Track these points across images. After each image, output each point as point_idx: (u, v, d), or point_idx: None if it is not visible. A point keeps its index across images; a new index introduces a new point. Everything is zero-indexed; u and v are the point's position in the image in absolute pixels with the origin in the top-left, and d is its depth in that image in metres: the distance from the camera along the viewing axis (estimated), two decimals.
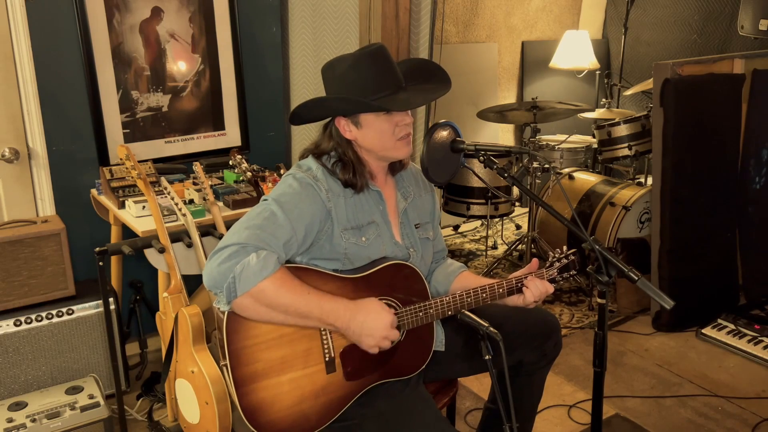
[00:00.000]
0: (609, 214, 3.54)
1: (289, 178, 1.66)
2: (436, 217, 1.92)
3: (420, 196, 1.86)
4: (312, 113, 1.72)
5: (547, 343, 1.89)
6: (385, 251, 1.71)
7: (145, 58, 2.79)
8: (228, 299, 1.48)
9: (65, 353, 2.49)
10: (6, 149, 2.57)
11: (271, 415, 1.57)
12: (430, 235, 1.87)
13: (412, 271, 1.71)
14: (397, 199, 1.80)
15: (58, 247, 2.45)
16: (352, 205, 1.68)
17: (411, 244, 1.79)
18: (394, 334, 1.59)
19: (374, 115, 1.64)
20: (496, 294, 1.74)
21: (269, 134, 3.22)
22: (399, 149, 1.69)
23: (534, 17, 4.97)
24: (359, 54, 1.67)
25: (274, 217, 1.55)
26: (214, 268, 1.48)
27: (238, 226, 1.54)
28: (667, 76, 3.12)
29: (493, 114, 3.95)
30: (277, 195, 1.61)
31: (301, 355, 1.59)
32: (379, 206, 1.73)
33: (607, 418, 2.58)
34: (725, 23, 4.28)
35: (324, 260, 1.66)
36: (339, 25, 3.06)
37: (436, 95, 1.75)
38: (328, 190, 1.64)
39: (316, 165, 1.69)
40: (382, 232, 1.72)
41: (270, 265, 1.48)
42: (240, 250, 1.47)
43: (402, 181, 1.83)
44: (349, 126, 1.67)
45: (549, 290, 1.75)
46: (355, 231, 1.67)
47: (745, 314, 3.23)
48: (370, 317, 1.56)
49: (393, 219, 1.77)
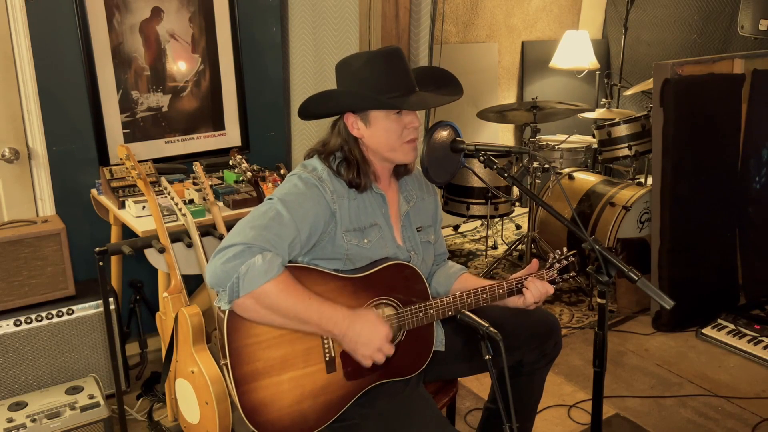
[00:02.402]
0: (609, 214, 3.54)
1: (294, 178, 1.65)
2: (438, 220, 1.92)
3: (423, 199, 1.86)
4: (321, 107, 1.71)
5: (547, 343, 1.89)
6: (387, 253, 1.71)
7: (145, 58, 2.79)
8: (230, 298, 1.47)
9: (65, 353, 2.49)
10: (6, 149, 2.57)
11: (271, 414, 1.57)
12: (432, 238, 1.87)
13: (413, 272, 1.71)
14: (399, 202, 1.80)
15: (58, 247, 2.45)
16: (356, 207, 1.68)
17: (412, 247, 1.79)
18: (388, 348, 1.59)
19: (384, 114, 1.64)
20: (497, 295, 1.74)
21: (269, 134, 3.22)
22: (405, 153, 1.69)
23: (534, 17, 4.97)
24: (375, 53, 1.68)
25: (280, 217, 1.54)
26: (219, 266, 1.47)
27: (243, 224, 1.54)
28: (667, 76, 3.12)
29: (493, 114, 3.95)
30: (282, 195, 1.60)
31: (301, 355, 1.59)
32: (382, 209, 1.73)
33: (607, 418, 2.58)
34: (725, 23, 4.28)
35: (325, 260, 1.66)
36: (339, 25, 3.06)
37: (448, 100, 1.76)
38: (333, 191, 1.64)
39: (321, 166, 1.68)
40: (385, 234, 1.72)
41: (275, 267, 1.48)
42: (245, 250, 1.47)
43: (405, 184, 1.83)
44: (357, 123, 1.67)
45: (549, 291, 1.76)
46: (358, 233, 1.67)
47: (745, 314, 3.23)
48: (366, 328, 1.56)
49: (395, 222, 1.77)
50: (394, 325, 1.67)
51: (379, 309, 1.67)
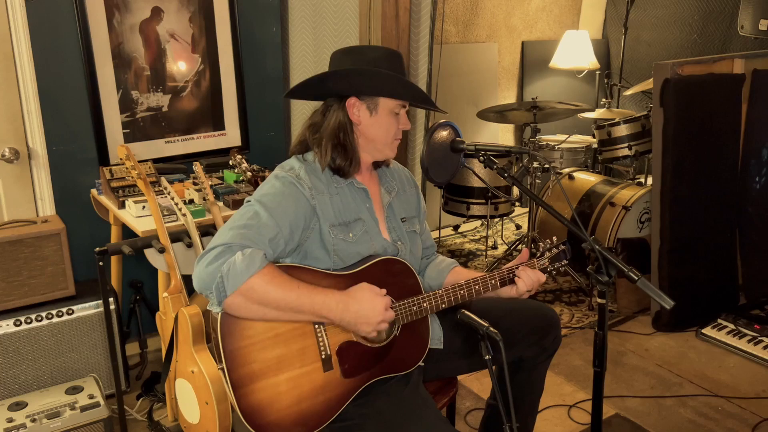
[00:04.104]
0: (609, 214, 3.54)
1: (271, 179, 1.67)
2: (421, 211, 1.94)
3: (404, 191, 1.88)
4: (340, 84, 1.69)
5: (547, 338, 1.90)
6: (374, 246, 1.72)
7: (145, 58, 2.79)
8: (218, 300, 1.48)
9: (65, 353, 2.49)
10: (6, 149, 2.57)
11: (270, 416, 1.56)
12: (417, 228, 1.88)
13: (404, 267, 1.71)
14: (381, 194, 1.82)
15: (58, 247, 2.45)
16: (339, 203, 1.69)
17: (398, 237, 1.80)
18: (389, 315, 1.60)
19: (391, 107, 1.68)
20: (489, 285, 1.74)
21: (269, 134, 3.22)
22: (393, 150, 1.75)
23: (534, 17, 4.97)
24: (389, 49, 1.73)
25: (258, 217, 1.56)
26: (202, 270, 1.48)
27: (223, 228, 1.56)
28: (667, 76, 3.12)
29: (493, 114, 3.95)
30: (259, 196, 1.62)
31: (296, 354, 1.59)
32: (366, 203, 1.75)
33: (607, 418, 2.58)
34: (725, 23, 4.28)
35: (315, 260, 1.67)
36: (339, 25, 3.06)
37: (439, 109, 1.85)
38: (312, 187, 1.65)
39: (298, 164, 1.70)
40: (369, 228, 1.73)
41: (256, 261, 1.48)
42: (225, 250, 1.48)
43: (384, 176, 1.85)
44: (360, 109, 1.68)
45: (541, 279, 1.76)
46: (343, 227, 1.68)
47: (745, 314, 3.24)
48: (363, 305, 1.57)
49: (379, 215, 1.79)
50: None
51: None
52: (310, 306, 1.54)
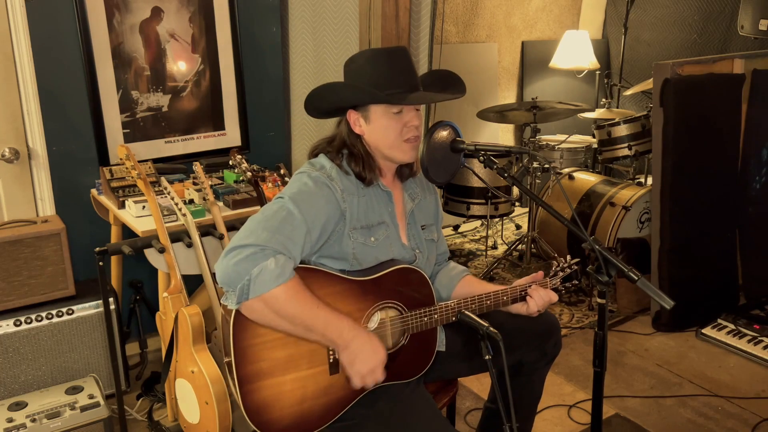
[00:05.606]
0: (609, 214, 3.54)
1: (303, 176, 1.63)
2: (439, 218, 1.93)
3: (425, 198, 1.87)
4: (324, 101, 1.71)
5: (548, 343, 1.89)
6: (393, 252, 1.71)
7: (145, 58, 2.79)
8: (239, 300, 1.47)
9: (65, 353, 2.49)
10: (6, 149, 2.57)
11: (273, 414, 1.57)
12: (435, 236, 1.88)
13: (420, 276, 1.70)
14: (404, 200, 1.80)
15: (58, 247, 2.45)
16: (364, 204, 1.68)
17: (417, 245, 1.79)
18: (380, 373, 1.59)
19: (383, 110, 1.65)
20: (500, 302, 1.76)
21: (269, 134, 3.22)
22: (404, 151, 1.69)
23: (534, 17, 4.97)
24: (379, 50, 1.72)
25: (291, 217, 1.53)
26: (231, 266, 1.46)
27: (256, 225, 1.52)
28: (667, 76, 3.12)
29: (493, 114, 3.95)
30: (292, 193, 1.59)
31: (306, 356, 1.59)
32: (389, 207, 1.74)
33: (607, 418, 2.58)
34: (725, 23, 4.28)
35: (332, 259, 1.66)
36: (339, 25, 3.06)
37: (444, 97, 1.77)
38: (344, 189, 1.63)
39: (330, 164, 1.67)
40: (391, 233, 1.72)
41: (287, 272, 1.47)
42: (259, 252, 1.46)
43: (408, 182, 1.83)
44: (359, 120, 1.67)
45: (553, 299, 1.77)
46: (365, 230, 1.66)
47: (745, 314, 3.24)
48: (365, 349, 1.56)
49: (401, 221, 1.78)
50: (397, 329, 1.68)
51: (383, 312, 1.67)
52: (323, 328, 1.53)
